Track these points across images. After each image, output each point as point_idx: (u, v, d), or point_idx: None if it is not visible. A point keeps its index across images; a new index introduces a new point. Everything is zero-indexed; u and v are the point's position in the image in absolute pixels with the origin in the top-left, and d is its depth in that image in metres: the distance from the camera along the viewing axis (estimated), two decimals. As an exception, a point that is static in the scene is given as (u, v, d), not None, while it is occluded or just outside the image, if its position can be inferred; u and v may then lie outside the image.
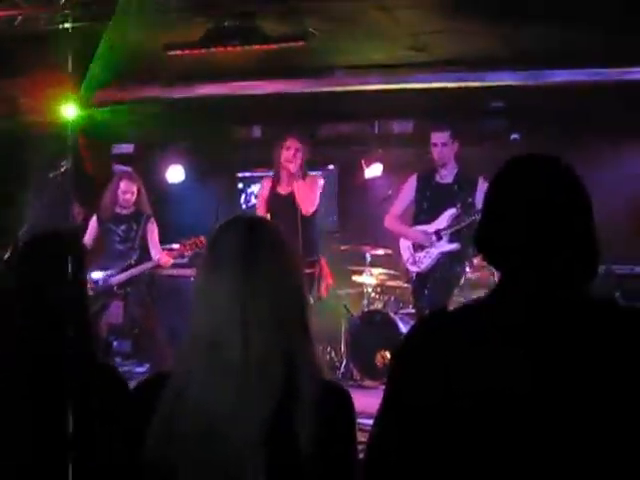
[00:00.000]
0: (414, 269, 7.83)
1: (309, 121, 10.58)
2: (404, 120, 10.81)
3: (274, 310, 2.17)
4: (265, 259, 2.21)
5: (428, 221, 7.73)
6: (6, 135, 9.06)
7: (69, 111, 9.04)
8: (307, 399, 2.11)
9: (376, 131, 11.01)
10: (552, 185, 2.08)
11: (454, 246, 7.62)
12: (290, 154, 7.67)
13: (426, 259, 7.71)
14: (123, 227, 8.58)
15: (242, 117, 10.85)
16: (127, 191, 8.54)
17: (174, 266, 9.15)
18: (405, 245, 7.97)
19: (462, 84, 8.64)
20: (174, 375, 2.19)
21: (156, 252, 8.53)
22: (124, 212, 8.62)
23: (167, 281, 10.01)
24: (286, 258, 2.27)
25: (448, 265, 7.65)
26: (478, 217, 2.19)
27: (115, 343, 9.59)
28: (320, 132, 10.92)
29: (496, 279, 2.16)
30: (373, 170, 10.43)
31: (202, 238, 8.34)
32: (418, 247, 7.79)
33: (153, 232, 8.65)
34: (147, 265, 8.49)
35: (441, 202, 7.67)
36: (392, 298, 9.65)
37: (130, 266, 8.47)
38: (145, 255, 8.57)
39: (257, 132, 11.52)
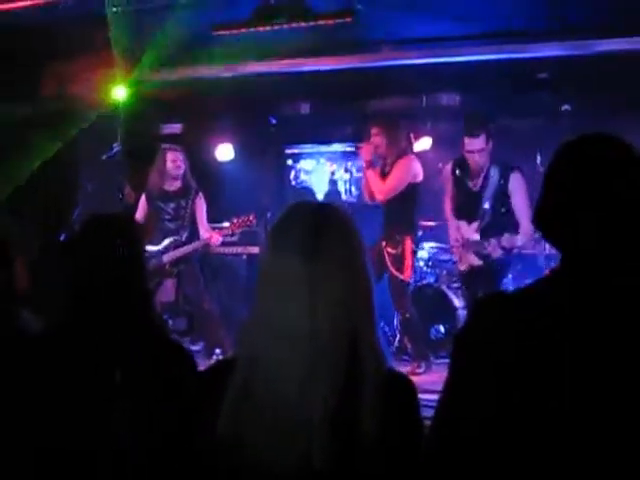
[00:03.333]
0: (462, 267, 7.77)
1: (357, 96, 10.58)
2: (452, 93, 10.75)
3: (342, 295, 2.14)
4: (333, 243, 2.18)
5: (469, 219, 7.63)
6: (56, 117, 9.15)
7: (119, 93, 9.14)
8: (372, 388, 2.11)
9: (424, 104, 10.94)
10: (611, 167, 2.05)
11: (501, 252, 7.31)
12: None
13: (475, 261, 7.56)
14: (172, 205, 8.60)
15: (290, 94, 10.85)
16: (175, 159, 8.56)
17: (225, 244, 9.19)
18: (455, 238, 7.88)
19: (508, 56, 8.58)
20: (240, 360, 2.19)
21: (204, 230, 8.57)
22: (172, 188, 8.64)
23: (218, 259, 10.08)
24: (354, 242, 2.24)
25: (497, 259, 7.37)
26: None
27: (170, 321, 9.67)
28: (368, 106, 10.90)
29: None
30: (422, 143, 10.39)
31: (252, 217, 8.38)
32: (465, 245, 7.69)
33: (202, 209, 8.66)
34: (197, 244, 8.52)
35: (474, 207, 7.56)
36: (444, 272, 9.61)
37: (181, 244, 8.53)
38: (196, 232, 8.61)
39: (305, 108, 11.51)
